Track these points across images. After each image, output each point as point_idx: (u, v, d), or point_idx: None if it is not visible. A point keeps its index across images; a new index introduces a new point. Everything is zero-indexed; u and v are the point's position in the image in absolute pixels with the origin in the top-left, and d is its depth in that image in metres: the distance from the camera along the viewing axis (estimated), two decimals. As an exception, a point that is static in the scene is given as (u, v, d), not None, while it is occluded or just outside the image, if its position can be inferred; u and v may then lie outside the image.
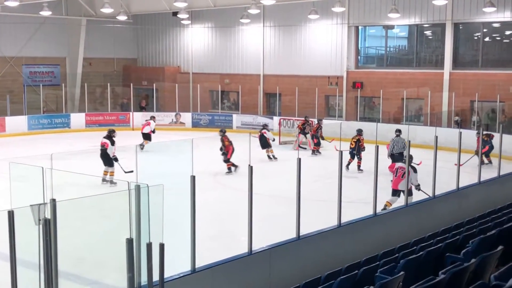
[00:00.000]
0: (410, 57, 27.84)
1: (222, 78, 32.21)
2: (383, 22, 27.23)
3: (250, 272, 8.06)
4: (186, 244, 7.31)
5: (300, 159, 8.49)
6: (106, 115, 30.75)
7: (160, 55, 35.24)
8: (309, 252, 8.84)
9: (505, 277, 5.39)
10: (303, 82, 29.16)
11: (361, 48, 29.41)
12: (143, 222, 5.97)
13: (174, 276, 7.05)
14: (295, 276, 8.09)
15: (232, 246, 9.34)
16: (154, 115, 26.00)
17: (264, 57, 30.97)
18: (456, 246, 8.08)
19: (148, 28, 35.06)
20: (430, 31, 27.62)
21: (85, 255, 10.16)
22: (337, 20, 28.17)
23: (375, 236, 10.01)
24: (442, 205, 11.72)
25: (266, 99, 31.32)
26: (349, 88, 28.19)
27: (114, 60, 34.62)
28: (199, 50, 33.54)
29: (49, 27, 31.40)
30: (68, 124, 29.74)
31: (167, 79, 33.54)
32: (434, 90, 25.71)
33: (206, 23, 32.97)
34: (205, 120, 30.28)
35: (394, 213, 10.51)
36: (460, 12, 25.01)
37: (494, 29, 25.65)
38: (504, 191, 13.42)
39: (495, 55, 25.93)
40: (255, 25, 30.64)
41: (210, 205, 13.94)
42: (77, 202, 7.74)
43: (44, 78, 32.19)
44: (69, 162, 14.97)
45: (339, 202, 9.24)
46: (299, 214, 8.57)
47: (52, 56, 32.49)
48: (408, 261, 7.22)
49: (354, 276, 7.02)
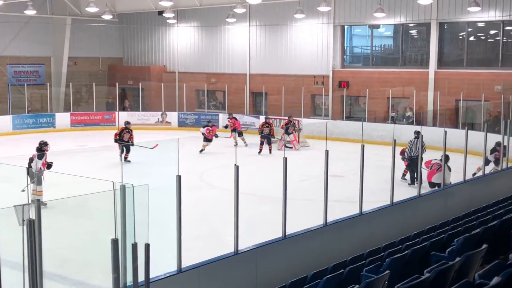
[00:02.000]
0: (395, 56, 27.93)
1: (208, 78, 32.15)
2: (368, 21, 27.30)
3: (237, 272, 8.05)
4: (172, 244, 7.29)
5: (286, 159, 8.49)
6: (91, 114, 30.60)
7: (145, 54, 35.12)
8: (295, 252, 8.85)
9: (489, 276, 5.42)
10: (289, 81, 29.18)
11: (347, 47, 29.47)
12: (129, 222, 5.95)
13: (160, 276, 7.02)
14: (282, 276, 8.10)
15: (218, 246, 9.33)
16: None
17: (250, 57, 30.95)
18: (441, 245, 8.12)
19: (134, 27, 34.92)
20: (415, 30, 27.74)
21: (70, 255, 10.11)
22: (323, 19, 28.21)
23: (361, 235, 10.04)
24: (428, 204, 11.78)
25: (252, 98, 31.31)
26: (335, 88, 28.25)
27: (99, 59, 34.41)
28: (185, 49, 33.46)
29: (33, 26, 31.17)
30: (53, 124, 29.56)
31: (153, 79, 33.43)
32: (420, 89, 25.81)
33: (192, 22, 32.90)
34: (191, 119, 30.22)
35: (379, 212, 10.54)
36: (445, 11, 25.14)
37: (478, 28, 25.79)
38: (488, 190, 13.51)
39: (479, 55, 26.07)
40: (241, 24, 30.61)
41: (196, 204, 13.92)
42: (62, 202, 7.70)
43: (28, 78, 31.96)
44: (54, 162, 14.89)
45: (325, 201, 9.25)
46: (285, 213, 8.57)
47: (37, 56, 32.26)
48: (394, 260, 7.25)
49: (340, 275, 7.03)
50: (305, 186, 15.62)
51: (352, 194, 10.57)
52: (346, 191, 12.88)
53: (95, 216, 9.59)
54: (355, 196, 10.14)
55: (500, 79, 24.01)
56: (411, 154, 16.60)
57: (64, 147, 23.93)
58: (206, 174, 18.94)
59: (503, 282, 5.18)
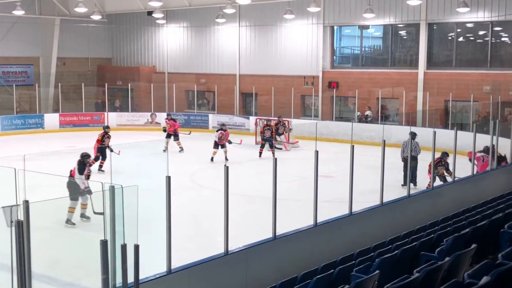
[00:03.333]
0: (385, 57, 28.02)
1: (198, 78, 32.12)
2: (358, 22, 27.37)
3: (227, 273, 8.04)
4: (161, 245, 7.27)
5: (276, 159, 8.49)
6: (80, 115, 30.49)
7: (135, 54, 35.03)
8: (285, 252, 8.84)
9: (479, 275, 5.43)
10: (279, 82, 29.20)
11: (337, 48, 29.53)
12: (118, 223, 5.92)
13: (149, 277, 7.00)
14: (272, 276, 8.10)
15: (209, 247, 9.32)
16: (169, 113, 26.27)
17: (240, 57, 30.95)
18: (431, 245, 8.15)
19: (123, 28, 34.83)
20: (405, 31, 27.84)
21: (60, 257, 10.06)
22: (312, 20, 28.25)
23: (351, 235, 10.05)
24: (417, 204, 11.81)
25: (242, 99, 31.31)
26: (324, 88, 28.30)
27: (88, 59, 34.31)
28: (175, 50, 33.41)
29: (22, 27, 31.02)
30: (42, 125, 29.43)
31: (142, 79, 33.35)
32: (409, 89, 25.92)
33: (182, 23, 32.85)
34: (181, 120, 30.13)
35: (369, 212, 10.55)
36: (434, 12, 25.24)
37: (467, 29, 25.92)
38: (477, 190, 13.56)
39: (468, 55, 26.20)
40: (231, 24, 30.60)
41: (186, 205, 13.89)
42: (51, 203, 7.65)
43: (17, 78, 31.81)
44: (42, 163, 14.82)
45: (315, 201, 9.25)
46: (275, 214, 8.56)
47: (26, 56, 32.12)
48: (383, 260, 7.26)
49: (330, 276, 7.03)
50: (295, 186, 15.61)
51: (342, 195, 10.59)
52: (336, 191, 12.91)
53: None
54: (345, 197, 10.15)
55: (489, 79, 24.15)
56: (405, 155, 16.65)
57: (53, 148, 23.84)
58: (196, 175, 18.91)
59: (492, 281, 5.19)
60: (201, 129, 29.05)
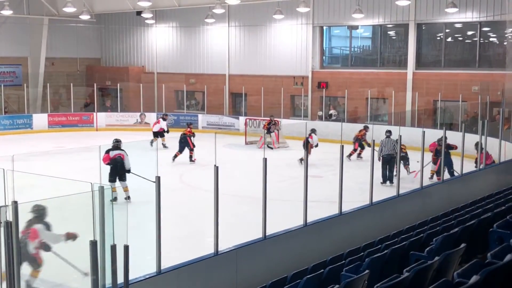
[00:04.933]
0: (374, 57, 28.10)
1: (187, 78, 32.07)
2: (347, 22, 27.43)
3: (217, 273, 8.03)
4: (151, 245, 7.25)
5: (266, 159, 8.48)
6: (69, 115, 30.37)
7: (124, 54, 34.93)
8: (275, 252, 8.84)
9: (468, 274, 5.46)
10: (269, 82, 29.21)
11: (326, 48, 29.57)
12: (107, 224, 5.90)
13: (139, 277, 6.98)
14: (262, 276, 8.10)
15: (198, 247, 9.29)
16: (166, 113, 26.49)
17: (229, 57, 30.93)
18: (420, 244, 8.17)
19: (112, 28, 34.71)
20: (394, 31, 27.93)
21: (48, 257, 10.00)
22: (301, 20, 28.28)
23: (340, 235, 10.07)
24: (406, 204, 11.84)
25: (232, 99, 31.29)
26: (314, 88, 28.33)
27: (77, 60, 34.18)
28: (164, 50, 33.34)
29: (10, 27, 30.84)
30: (30, 125, 29.29)
31: (132, 79, 33.25)
32: (398, 89, 26.00)
33: (171, 23, 32.79)
34: (171, 120, 30.08)
35: (359, 212, 10.57)
36: (423, 12, 25.34)
37: (456, 29, 26.04)
38: (466, 189, 13.61)
39: (457, 55, 26.32)
40: (220, 25, 30.58)
41: (176, 205, 13.85)
42: (40, 204, 7.61)
43: (5, 78, 31.63)
44: (31, 164, 14.77)
45: (305, 201, 9.26)
46: (265, 214, 8.56)
47: (14, 56, 31.97)
48: (373, 259, 7.27)
49: (320, 275, 7.04)
50: (285, 186, 15.64)
51: (332, 195, 10.60)
52: (325, 191, 12.92)
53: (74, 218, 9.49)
54: (334, 196, 10.17)
55: (477, 79, 24.25)
56: (383, 153, 16.84)
57: (42, 148, 23.73)
58: (186, 175, 18.88)
59: (481, 280, 5.22)
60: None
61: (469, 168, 15.19)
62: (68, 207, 10.02)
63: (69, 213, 9.27)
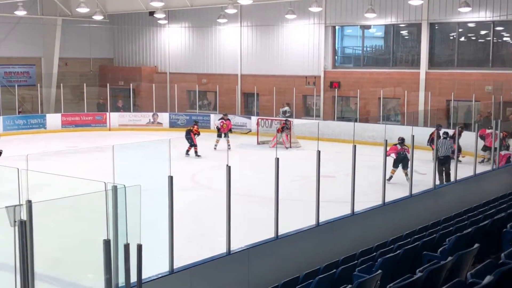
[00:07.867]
0: (386, 57, 28.00)
1: (199, 78, 32.11)
2: (359, 22, 27.36)
3: (229, 272, 8.04)
4: (164, 244, 7.28)
5: (278, 159, 8.48)
6: (82, 115, 30.51)
7: (136, 55, 35.04)
8: (287, 252, 8.84)
9: (481, 275, 5.44)
10: (281, 82, 29.19)
11: (338, 48, 29.51)
12: (121, 223, 5.92)
13: (152, 277, 7.01)
14: (274, 276, 8.10)
15: (211, 247, 9.32)
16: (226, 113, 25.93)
17: (241, 57, 30.94)
18: (433, 245, 8.14)
19: (125, 28, 34.84)
20: (406, 31, 27.82)
21: (62, 256, 10.07)
22: (314, 20, 28.24)
23: (353, 235, 10.05)
24: (419, 204, 11.81)
25: (243, 99, 31.31)
26: (326, 88, 28.28)
27: (90, 60, 34.34)
28: (176, 50, 33.41)
29: (24, 27, 31.05)
30: (44, 125, 29.45)
31: (144, 79, 33.36)
32: (411, 89, 25.90)
33: (183, 23, 32.86)
34: (183, 120, 30.16)
35: (371, 212, 10.56)
36: (436, 12, 25.22)
37: (469, 29, 25.90)
38: (480, 190, 13.55)
39: (470, 55, 26.18)
40: (232, 25, 30.60)
41: (188, 205, 13.90)
42: (53, 203, 7.66)
43: (19, 79, 31.83)
44: (45, 163, 14.85)
45: (317, 201, 9.25)
46: (277, 213, 8.57)
47: (28, 56, 32.14)
48: (386, 259, 7.26)
49: (332, 275, 7.04)
50: (297, 186, 15.62)
51: (344, 195, 10.58)
52: (337, 191, 12.92)
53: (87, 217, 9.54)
54: (347, 196, 10.15)
55: (490, 79, 24.12)
56: (439, 155, 16.33)
57: (56, 148, 23.86)
58: (198, 175, 18.92)
59: (495, 281, 5.20)
60: (203, 129, 29.00)
61: (479, 167, 15.08)
62: (82, 207, 10.09)
63: (82, 212, 9.32)
